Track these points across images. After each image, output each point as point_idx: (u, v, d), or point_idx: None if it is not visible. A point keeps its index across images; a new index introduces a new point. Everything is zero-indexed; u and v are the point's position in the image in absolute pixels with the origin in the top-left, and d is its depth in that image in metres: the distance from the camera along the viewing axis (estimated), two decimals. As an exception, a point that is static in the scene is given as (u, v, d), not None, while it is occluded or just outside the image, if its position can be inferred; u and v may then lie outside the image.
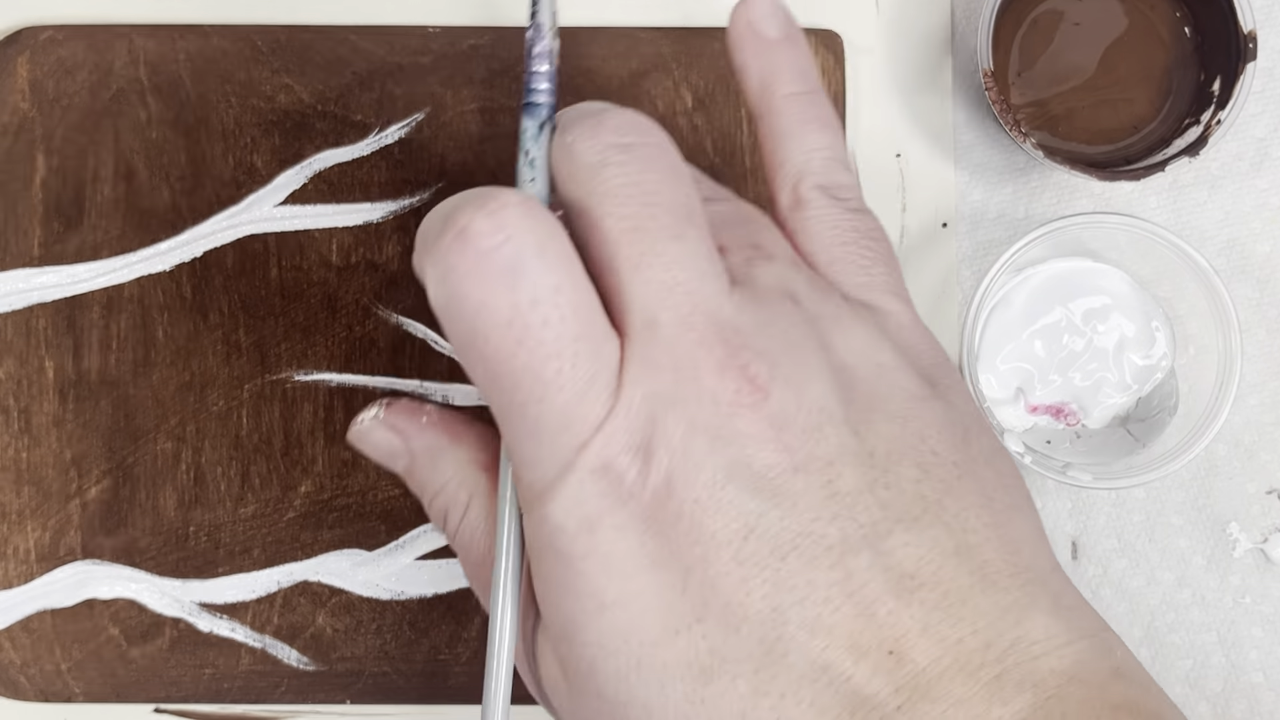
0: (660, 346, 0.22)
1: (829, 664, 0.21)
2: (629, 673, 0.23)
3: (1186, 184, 0.39)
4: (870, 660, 0.21)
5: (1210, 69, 0.37)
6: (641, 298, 0.23)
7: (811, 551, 0.22)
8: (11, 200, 0.37)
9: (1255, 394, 0.38)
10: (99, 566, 0.37)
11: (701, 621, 0.22)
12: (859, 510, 0.22)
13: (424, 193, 0.37)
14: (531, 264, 0.22)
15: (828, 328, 0.24)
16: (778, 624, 0.22)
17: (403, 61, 0.37)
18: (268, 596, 0.37)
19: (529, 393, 0.22)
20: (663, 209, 0.23)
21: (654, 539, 0.22)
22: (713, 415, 0.22)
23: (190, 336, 0.37)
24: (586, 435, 0.22)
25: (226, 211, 0.37)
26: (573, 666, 0.24)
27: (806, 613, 0.22)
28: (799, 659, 0.22)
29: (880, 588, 0.22)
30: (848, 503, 0.22)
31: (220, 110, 0.37)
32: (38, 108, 0.37)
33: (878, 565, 0.22)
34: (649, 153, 0.24)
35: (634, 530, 0.22)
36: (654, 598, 0.22)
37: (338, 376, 0.37)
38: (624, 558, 0.22)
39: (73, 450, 0.37)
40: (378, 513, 0.37)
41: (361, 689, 0.37)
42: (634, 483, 0.22)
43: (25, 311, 0.37)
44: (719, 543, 0.22)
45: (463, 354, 0.23)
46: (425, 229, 0.24)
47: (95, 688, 0.37)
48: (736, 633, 0.22)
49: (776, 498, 0.22)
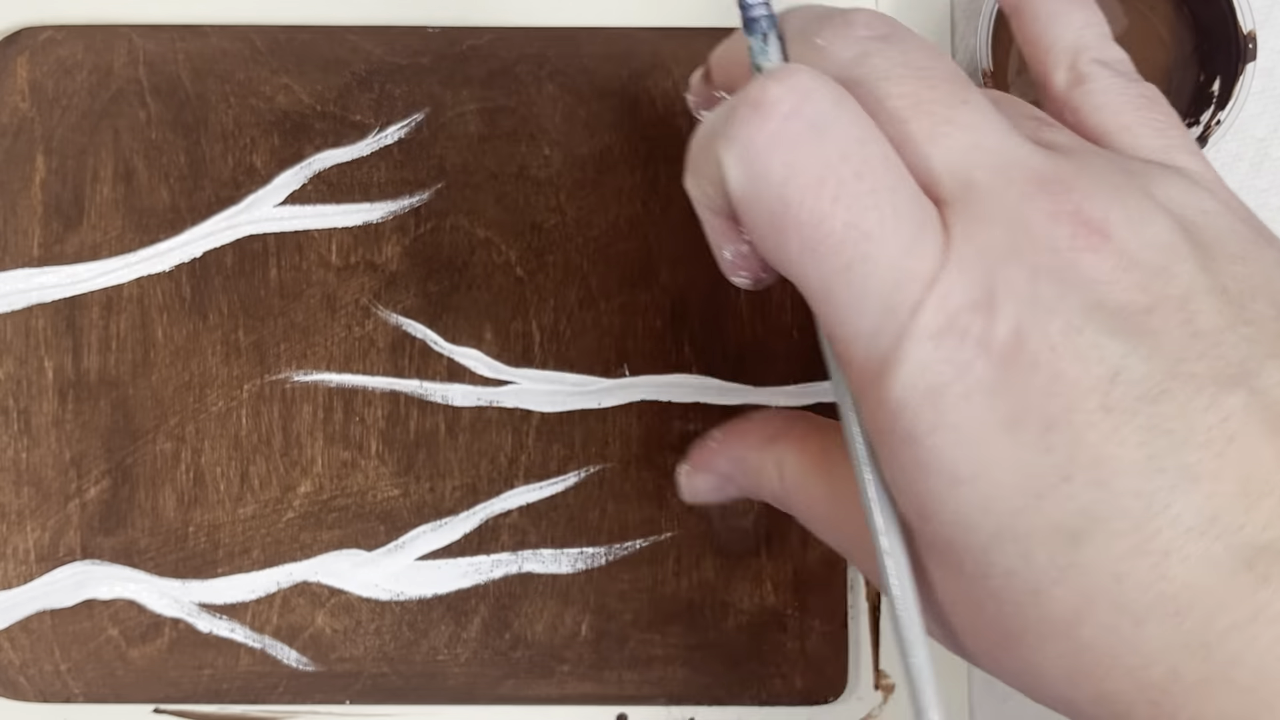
0: (982, 202, 0.21)
1: (1217, 514, 0.20)
2: (989, 545, 0.21)
3: (1186, 184, 0.39)
4: (1264, 507, 0.20)
5: (1210, 69, 0.37)
6: (948, 163, 0.22)
7: (1184, 393, 0.20)
8: (11, 200, 0.37)
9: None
10: (98, 567, 0.37)
11: (1069, 480, 0.21)
12: (1226, 348, 0.21)
13: (423, 193, 0.37)
14: (833, 120, 0.21)
15: (1145, 179, 0.23)
16: (1155, 474, 0.20)
17: (402, 62, 0.37)
18: (267, 597, 0.37)
19: (854, 251, 0.21)
20: (941, 79, 0.23)
21: (1007, 398, 0.21)
22: (1055, 261, 0.21)
23: (190, 337, 0.37)
24: (920, 293, 0.21)
25: (226, 212, 0.37)
26: (929, 549, 0.23)
27: (1187, 458, 0.20)
28: (1184, 510, 0.20)
29: (1261, 427, 0.20)
30: (1212, 340, 0.21)
31: (219, 110, 0.37)
32: (37, 108, 0.37)
33: (1255, 404, 0.20)
34: (907, 36, 0.23)
35: (983, 393, 0.21)
36: (1012, 461, 0.21)
37: (337, 377, 0.37)
38: (976, 424, 0.21)
39: (72, 450, 0.37)
40: (377, 513, 0.37)
41: (360, 689, 0.37)
42: (979, 339, 0.21)
43: (25, 312, 0.37)
44: (1082, 390, 0.20)
45: (775, 236, 0.22)
46: (709, 128, 0.23)
47: (95, 688, 0.37)
48: (1109, 488, 0.20)
49: (1138, 338, 0.21)
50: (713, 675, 0.37)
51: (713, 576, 0.37)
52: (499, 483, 0.37)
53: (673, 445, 0.37)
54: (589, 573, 0.37)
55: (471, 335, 0.37)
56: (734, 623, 0.37)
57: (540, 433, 0.37)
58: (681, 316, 0.37)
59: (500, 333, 0.37)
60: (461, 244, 0.37)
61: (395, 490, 0.37)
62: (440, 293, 0.37)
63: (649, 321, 0.37)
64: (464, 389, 0.37)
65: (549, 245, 0.37)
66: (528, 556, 0.37)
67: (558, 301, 0.37)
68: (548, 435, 0.37)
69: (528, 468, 0.37)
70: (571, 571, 0.37)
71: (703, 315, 0.37)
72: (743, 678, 0.37)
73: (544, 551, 0.37)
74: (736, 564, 0.37)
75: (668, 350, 0.37)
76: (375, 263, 0.37)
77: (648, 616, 0.37)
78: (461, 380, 0.37)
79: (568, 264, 0.37)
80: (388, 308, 0.37)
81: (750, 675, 0.37)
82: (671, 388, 0.37)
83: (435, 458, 0.37)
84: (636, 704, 0.37)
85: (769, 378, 0.37)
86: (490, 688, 0.37)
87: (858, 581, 0.37)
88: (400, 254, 0.37)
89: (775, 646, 0.37)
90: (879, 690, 0.37)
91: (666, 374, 0.37)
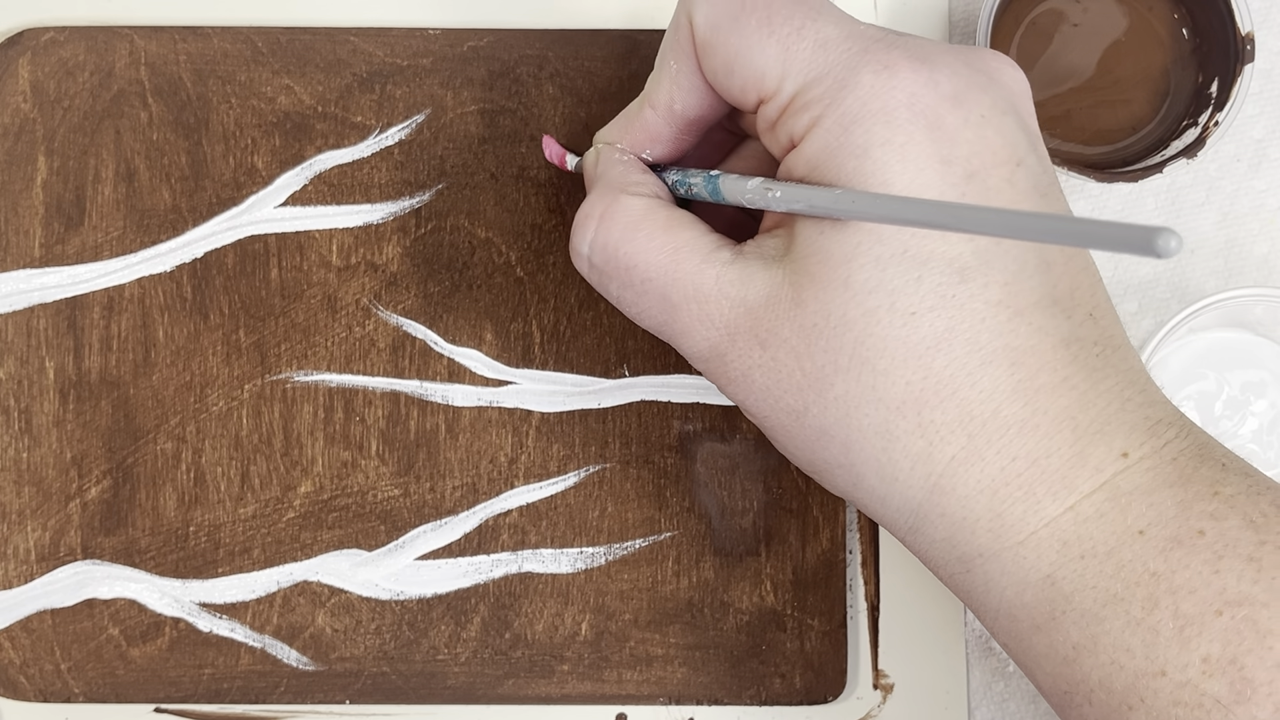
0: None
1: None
2: (891, 260, 0.25)
3: (1184, 185, 0.39)
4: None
5: (1208, 70, 0.37)
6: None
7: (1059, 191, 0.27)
8: (13, 201, 0.37)
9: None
10: (99, 566, 0.37)
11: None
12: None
13: (424, 194, 0.37)
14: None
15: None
16: (1037, 247, 0.26)
17: (403, 63, 0.37)
18: (267, 596, 0.37)
19: None
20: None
21: (942, 145, 0.25)
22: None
23: (191, 337, 0.37)
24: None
25: (227, 212, 0.37)
26: (829, 253, 0.26)
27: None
28: (1066, 271, 0.26)
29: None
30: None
31: (221, 111, 0.37)
32: (39, 109, 0.37)
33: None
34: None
35: (922, 135, 0.25)
36: (937, 193, 0.25)
37: (337, 377, 0.37)
38: (918, 151, 0.25)
39: (73, 450, 0.37)
40: (377, 513, 0.37)
41: (361, 689, 0.37)
42: (924, 88, 0.26)
43: (26, 312, 0.37)
44: (999, 161, 0.26)
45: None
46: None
47: (95, 688, 0.37)
48: (999, 243, 0.25)
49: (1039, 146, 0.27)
50: (712, 675, 0.37)
51: (712, 576, 0.37)
52: (499, 483, 0.37)
53: (672, 445, 0.37)
54: (589, 572, 0.37)
55: (472, 336, 0.37)
56: (733, 622, 0.37)
57: (540, 433, 0.37)
58: (681, 317, 0.37)
59: (500, 333, 0.37)
60: (462, 245, 0.37)
61: (395, 490, 0.37)
62: (441, 293, 0.37)
63: (649, 322, 0.37)
64: (464, 389, 0.37)
65: (549, 246, 0.37)
66: (528, 556, 0.37)
67: (558, 302, 0.37)
68: (548, 435, 0.37)
69: (528, 468, 0.37)
70: (571, 571, 0.37)
71: (702, 315, 0.37)
72: (742, 677, 0.37)
73: (544, 551, 0.37)
74: (736, 564, 0.37)
75: (667, 350, 0.37)
76: (376, 263, 0.37)
77: (647, 616, 0.37)
78: (462, 380, 0.37)
79: (568, 264, 0.37)
80: (388, 308, 0.37)
81: (750, 675, 0.37)
82: (671, 388, 0.37)
83: (435, 458, 0.37)
84: (636, 703, 0.37)
85: (768, 378, 0.37)
86: (490, 687, 0.37)
87: (856, 581, 0.37)
88: (401, 254, 0.37)
89: (774, 646, 0.37)
90: (878, 690, 0.37)
91: (666, 374, 0.37)
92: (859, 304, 0.25)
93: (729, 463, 0.37)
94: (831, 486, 0.28)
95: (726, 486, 0.37)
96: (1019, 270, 0.25)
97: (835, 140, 0.26)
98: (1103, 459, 0.25)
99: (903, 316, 0.25)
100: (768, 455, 0.37)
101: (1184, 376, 0.37)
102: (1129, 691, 0.24)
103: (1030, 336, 0.25)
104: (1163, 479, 0.25)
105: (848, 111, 0.25)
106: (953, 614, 0.37)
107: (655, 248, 0.28)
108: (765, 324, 0.27)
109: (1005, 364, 0.25)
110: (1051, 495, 0.25)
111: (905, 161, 0.25)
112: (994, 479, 0.25)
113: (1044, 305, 0.26)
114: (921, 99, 0.25)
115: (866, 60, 0.26)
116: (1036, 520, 0.25)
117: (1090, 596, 0.25)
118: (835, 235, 0.26)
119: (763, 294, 0.27)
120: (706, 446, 0.37)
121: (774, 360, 0.27)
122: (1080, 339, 0.26)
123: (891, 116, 0.25)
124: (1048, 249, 0.26)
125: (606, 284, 0.29)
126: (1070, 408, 0.25)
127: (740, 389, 0.28)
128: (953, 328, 0.25)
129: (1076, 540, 0.25)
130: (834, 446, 0.27)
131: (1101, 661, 0.24)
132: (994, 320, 0.25)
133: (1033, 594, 0.25)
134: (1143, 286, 0.39)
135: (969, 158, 0.25)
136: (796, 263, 0.26)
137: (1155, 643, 0.24)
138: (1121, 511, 0.25)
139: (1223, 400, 0.37)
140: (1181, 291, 0.39)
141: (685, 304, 0.27)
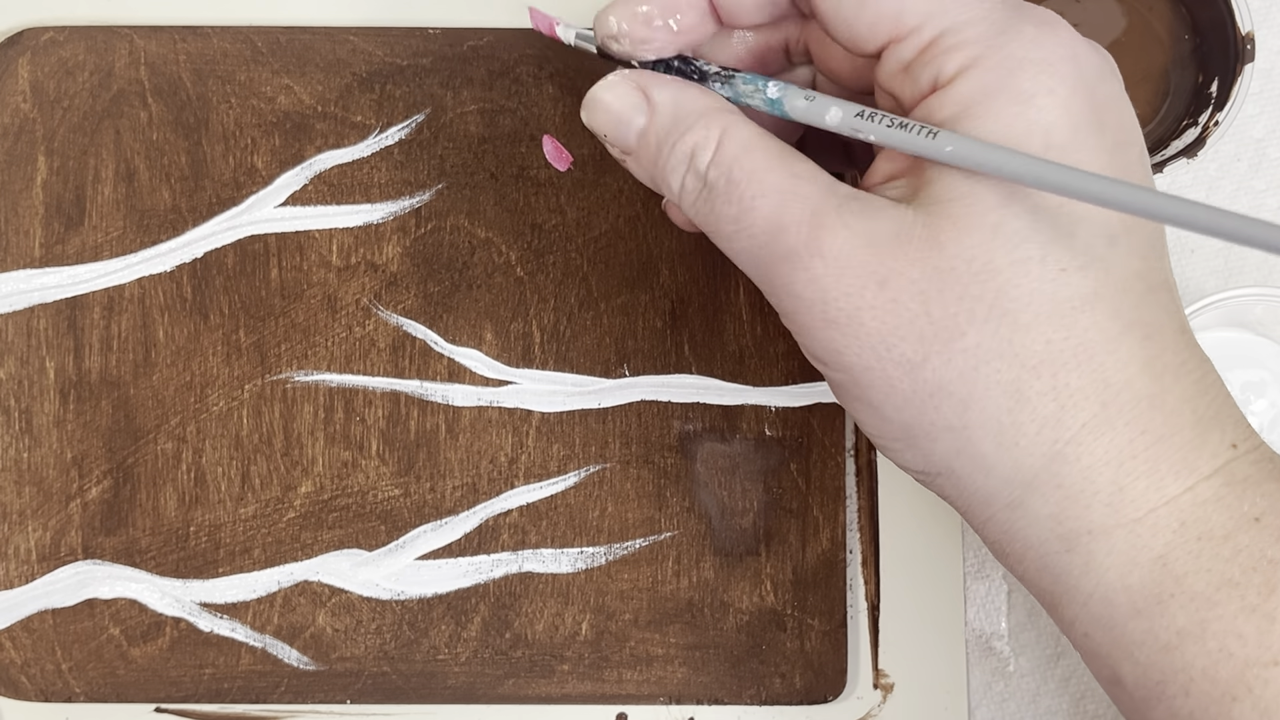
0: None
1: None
2: (1047, 212, 0.24)
3: (1184, 185, 0.39)
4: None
5: (1208, 70, 0.37)
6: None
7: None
8: (13, 201, 0.37)
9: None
10: (100, 566, 0.37)
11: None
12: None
13: (424, 194, 0.37)
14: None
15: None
16: (1160, 230, 0.26)
17: (403, 63, 0.37)
18: (268, 596, 0.37)
19: None
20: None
21: (1097, 110, 0.25)
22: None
23: (191, 337, 0.37)
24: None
25: (227, 212, 0.37)
26: (980, 197, 0.24)
27: (1163, 231, 0.26)
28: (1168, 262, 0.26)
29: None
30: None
31: (221, 111, 0.37)
32: (39, 109, 0.37)
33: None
34: None
35: (1083, 96, 0.25)
36: (1093, 153, 0.24)
37: (338, 377, 0.37)
38: (1078, 109, 0.25)
39: (74, 450, 0.37)
40: (378, 513, 0.37)
41: (361, 689, 0.37)
42: (1083, 54, 0.25)
43: (26, 312, 0.37)
44: (1134, 140, 0.25)
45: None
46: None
47: (96, 687, 0.37)
48: (1138, 217, 0.25)
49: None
50: (712, 675, 0.37)
51: (712, 576, 0.37)
52: (499, 482, 0.37)
53: (673, 445, 0.37)
54: (589, 572, 0.37)
55: (472, 336, 0.37)
56: (733, 622, 0.37)
57: (540, 433, 0.37)
58: (681, 316, 0.37)
59: (500, 333, 0.37)
60: (462, 244, 0.37)
61: (396, 490, 0.37)
62: (441, 293, 0.37)
63: (649, 321, 0.37)
64: (464, 389, 0.37)
65: (549, 245, 0.37)
66: (528, 556, 0.37)
67: (558, 302, 0.37)
68: (548, 435, 0.37)
69: (528, 468, 0.37)
70: (571, 571, 0.37)
71: (702, 315, 0.37)
72: (742, 677, 0.37)
73: (544, 551, 0.37)
74: (736, 564, 0.37)
75: (667, 350, 0.37)
76: (376, 263, 0.37)
77: (647, 616, 0.37)
78: (462, 380, 0.37)
79: (568, 264, 0.37)
80: (388, 308, 0.37)
81: (750, 674, 0.37)
82: (671, 388, 0.37)
83: (435, 458, 0.37)
84: (636, 703, 0.37)
85: (768, 378, 0.37)
86: (490, 687, 0.37)
87: (856, 581, 0.37)
88: (401, 254, 0.37)
89: (774, 646, 0.37)
90: (878, 689, 0.37)
91: (666, 374, 0.37)
92: (1009, 252, 0.24)
93: (729, 463, 0.37)
94: (924, 456, 0.26)
95: (726, 486, 0.37)
96: (1153, 247, 0.25)
97: (998, 82, 0.24)
98: (1218, 446, 0.25)
99: (1054, 270, 0.24)
100: (768, 455, 0.37)
101: None
102: (1236, 681, 0.23)
103: (1159, 314, 0.25)
104: (1269, 473, 0.25)
105: (1012, 55, 0.24)
106: (953, 614, 0.37)
107: (774, 168, 0.26)
108: (889, 262, 0.24)
109: (1140, 336, 0.25)
110: (1174, 474, 0.24)
111: (1069, 115, 0.24)
112: (1121, 450, 0.24)
113: (1167, 288, 0.26)
114: (1083, 60, 0.25)
115: (1025, 13, 0.25)
116: (1158, 497, 0.24)
117: (1204, 579, 0.24)
118: (988, 180, 0.24)
119: (890, 230, 0.25)
120: (706, 446, 0.37)
121: (893, 302, 0.24)
122: (1188, 329, 0.26)
123: (1056, 69, 0.24)
124: (1162, 234, 0.26)
125: (714, 202, 0.26)
126: (1189, 391, 0.25)
127: (841, 334, 0.25)
128: (1099, 291, 0.24)
129: (1195, 521, 0.24)
130: (949, 405, 0.25)
131: (1209, 648, 0.24)
132: (1134, 290, 0.25)
133: (1140, 575, 0.24)
134: (1143, 286, 0.39)
135: (1116, 128, 0.25)
136: (936, 204, 0.25)
137: (1271, 630, 0.23)
138: (1238, 498, 0.24)
139: None
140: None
141: (796, 228, 0.25)
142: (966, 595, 0.37)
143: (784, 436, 0.37)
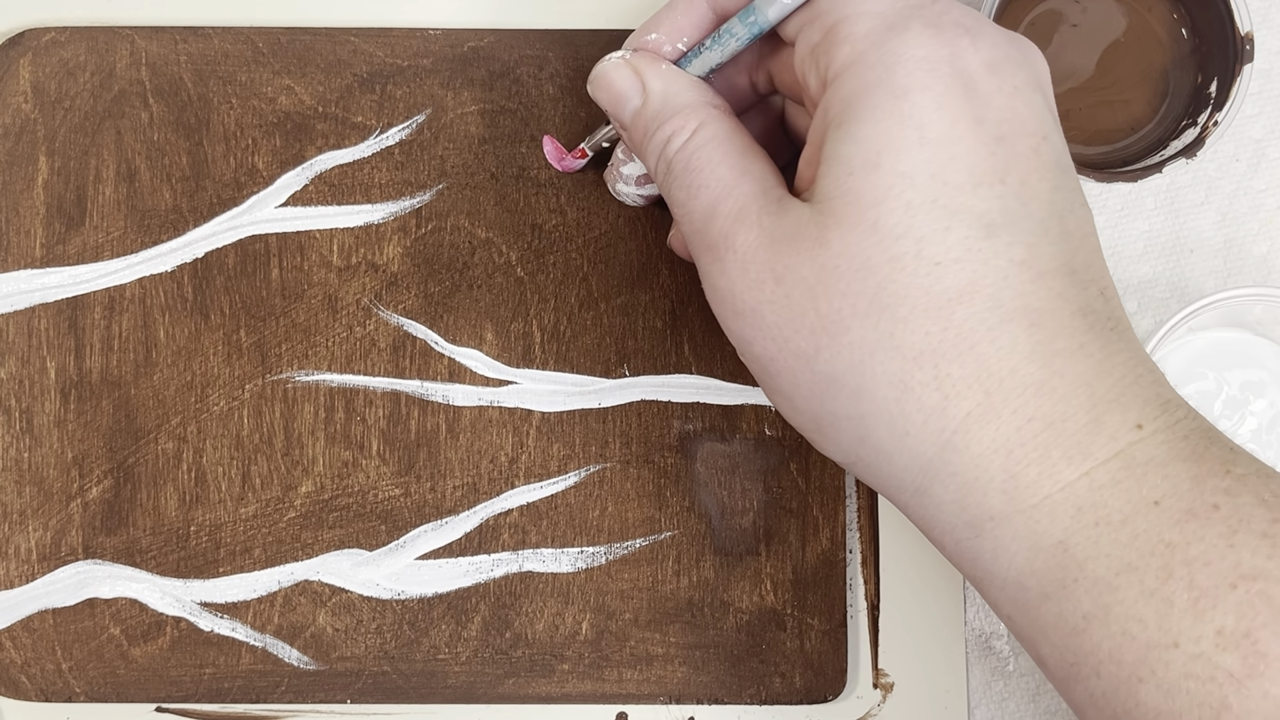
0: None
1: (1092, 261, 0.27)
2: (922, 207, 0.25)
3: (1183, 185, 0.39)
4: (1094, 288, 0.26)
5: (1207, 70, 0.37)
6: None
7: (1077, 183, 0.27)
8: (14, 201, 0.37)
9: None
10: (100, 566, 0.37)
11: (1003, 183, 0.25)
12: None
13: (424, 194, 0.37)
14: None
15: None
16: (1059, 217, 0.26)
17: (403, 63, 0.37)
18: (268, 596, 0.37)
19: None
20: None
21: (976, 105, 0.26)
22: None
23: (192, 337, 0.37)
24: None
25: (228, 213, 0.37)
26: (859, 194, 0.26)
27: (1080, 216, 0.27)
28: (1083, 246, 0.26)
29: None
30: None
31: (222, 112, 0.37)
32: (40, 109, 0.37)
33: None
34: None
35: (960, 92, 0.26)
36: (969, 147, 0.25)
37: (338, 377, 0.37)
38: (955, 105, 0.25)
39: (74, 450, 0.37)
40: (378, 513, 0.37)
41: (361, 688, 0.37)
42: (967, 50, 0.26)
43: (27, 312, 0.37)
44: (1027, 131, 0.26)
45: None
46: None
47: (96, 687, 0.37)
48: (1025, 206, 0.25)
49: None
50: (712, 674, 0.37)
51: (712, 576, 0.37)
52: (499, 482, 0.37)
53: (672, 445, 0.37)
54: (589, 572, 0.37)
55: (472, 335, 0.37)
56: (733, 622, 0.37)
57: (540, 433, 0.37)
58: (681, 316, 0.37)
59: (501, 333, 0.37)
60: (462, 245, 0.37)
61: (396, 490, 0.37)
62: (441, 293, 0.37)
63: (649, 321, 0.37)
64: (465, 389, 0.37)
65: (549, 245, 0.37)
66: (528, 556, 0.37)
67: (558, 302, 0.37)
68: (548, 435, 0.37)
69: (528, 467, 0.37)
70: (572, 571, 0.37)
71: (702, 315, 0.37)
72: (742, 676, 0.37)
73: (544, 551, 0.37)
74: (736, 563, 0.37)
75: (668, 350, 0.37)
76: (376, 263, 0.37)
77: (648, 616, 0.37)
78: (462, 380, 0.37)
79: (568, 264, 0.37)
80: (389, 308, 0.37)
81: (750, 674, 0.37)
82: (671, 388, 0.37)
83: (436, 457, 0.37)
84: (636, 703, 0.37)
85: (768, 378, 0.37)
86: (491, 686, 0.37)
87: (856, 580, 0.37)
88: (401, 254, 0.37)
89: (774, 645, 0.37)
90: (878, 689, 0.37)
91: (666, 374, 0.37)
92: (885, 249, 0.25)
93: (729, 463, 0.37)
94: (834, 444, 0.27)
95: (726, 486, 0.37)
96: (1042, 234, 0.26)
97: (877, 78, 0.26)
98: (1118, 428, 0.25)
99: (928, 265, 0.25)
100: (768, 455, 0.37)
101: (1183, 376, 0.37)
102: (1139, 663, 0.24)
103: (1050, 300, 0.25)
104: (1176, 453, 0.25)
105: (892, 52, 0.26)
106: (953, 614, 0.37)
107: (728, 163, 0.28)
108: (784, 259, 0.26)
109: (1025, 324, 0.25)
110: (1067, 460, 0.25)
111: (942, 110, 0.25)
112: (1009, 438, 0.25)
113: (1063, 273, 0.26)
114: (964, 59, 0.26)
115: (917, 12, 0.26)
116: (1051, 484, 0.25)
117: (1104, 564, 0.24)
118: (866, 177, 0.25)
119: (789, 229, 0.26)
120: (706, 446, 0.37)
121: (787, 298, 0.26)
122: (1095, 311, 0.26)
123: (935, 67, 0.26)
124: (1068, 220, 0.26)
125: (670, 185, 0.29)
126: (1086, 374, 0.25)
127: (747, 324, 0.27)
128: (976, 282, 0.25)
129: (1091, 507, 0.25)
130: (843, 395, 0.26)
131: (1113, 632, 0.24)
132: (1016, 279, 0.25)
133: (1044, 560, 0.25)
134: (1142, 286, 0.39)
135: (1000, 122, 0.26)
136: (823, 202, 0.26)
137: (1169, 614, 0.24)
138: (1137, 481, 0.24)
139: (1222, 400, 0.37)
140: (1180, 291, 0.39)
141: (725, 219, 0.27)
142: (966, 595, 0.37)
143: (784, 436, 0.37)
